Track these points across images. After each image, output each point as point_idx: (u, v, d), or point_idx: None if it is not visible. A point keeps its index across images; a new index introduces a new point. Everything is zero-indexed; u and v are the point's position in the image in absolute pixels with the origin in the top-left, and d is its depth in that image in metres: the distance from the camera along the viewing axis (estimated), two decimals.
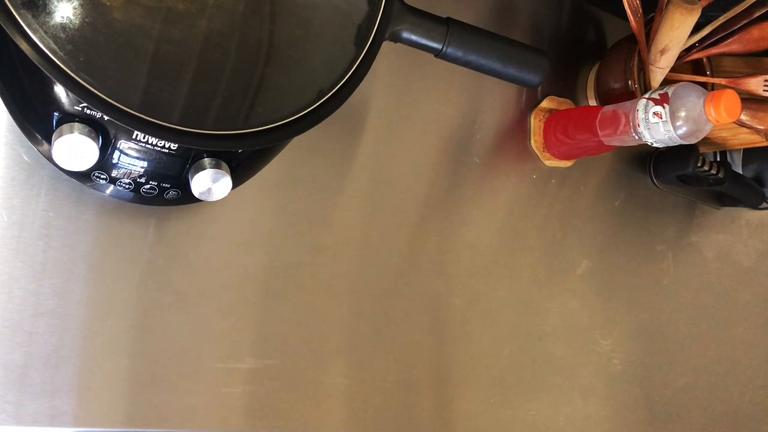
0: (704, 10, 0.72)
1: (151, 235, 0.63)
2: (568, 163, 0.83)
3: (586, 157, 0.84)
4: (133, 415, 0.63)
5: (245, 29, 0.49)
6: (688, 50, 0.80)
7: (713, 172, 0.82)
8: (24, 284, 0.59)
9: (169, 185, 0.58)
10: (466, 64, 0.59)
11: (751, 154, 0.90)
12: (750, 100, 0.79)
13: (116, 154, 0.55)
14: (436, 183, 0.76)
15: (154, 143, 0.54)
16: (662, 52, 0.75)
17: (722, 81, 0.81)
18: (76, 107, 0.52)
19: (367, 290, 0.72)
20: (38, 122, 0.54)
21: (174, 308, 0.64)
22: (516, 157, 0.82)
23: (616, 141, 0.74)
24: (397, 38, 0.56)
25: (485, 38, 0.58)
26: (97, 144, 0.52)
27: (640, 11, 0.75)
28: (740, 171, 0.91)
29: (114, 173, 0.56)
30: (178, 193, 0.59)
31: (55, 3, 0.43)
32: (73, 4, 0.44)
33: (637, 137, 0.71)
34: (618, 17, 0.87)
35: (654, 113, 0.68)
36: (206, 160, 0.57)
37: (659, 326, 0.91)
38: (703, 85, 0.80)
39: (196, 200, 0.58)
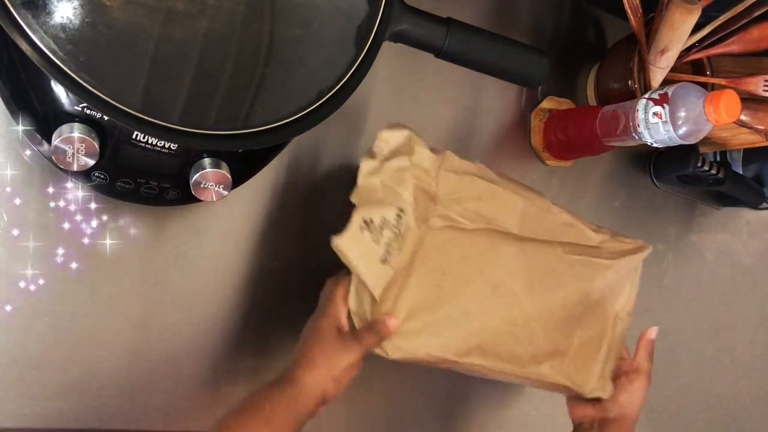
0: (704, 10, 0.72)
1: (152, 235, 0.63)
2: (568, 163, 0.83)
3: (586, 157, 0.84)
4: (132, 415, 0.63)
5: (245, 29, 0.49)
6: (688, 50, 0.80)
7: (713, 172, 0.82)
8: (24, 284, 0.59)
9: (169, 185, 0.58)
10: (466, 64, 0.59)
11: (751, 154, 0.90)
12: (750, 100, 0.79)
13: (116, 154, 0.55)
14: None
15: (154, 143, 0.54)
16: (662, 52, 0.75)
17: (722, 81, 0.81)
18: (76, 107, 0.52)
19: None
20: (38, 122, 0.54)
21: (174, 308, 0.64)
22: (516, 157, 0.82)
23: (616, 141, 0.74)
24: (397, 38, 0.56)
25: (485, 38, 0.58)
26: (97, 144, 0.52)
27: (640, 11, 0.75)
28: (740, 171, 0.91)
29: (114, 173, 0.56)
30: (178, 193, 0.59)
31: (55, 3, 0.43)
32: (73, 4, 0.44)
33: (637, 137, 0.71)
34: (618, 17, 0.87)
35: (654, 113, 0.68)
36: (206, 160, 0.57)
37: (659, 326, 0.91)
38: (703, 85, 0.80)
39: (196, 200, 0.58)
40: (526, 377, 0.67)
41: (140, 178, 0.57)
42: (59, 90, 0.52)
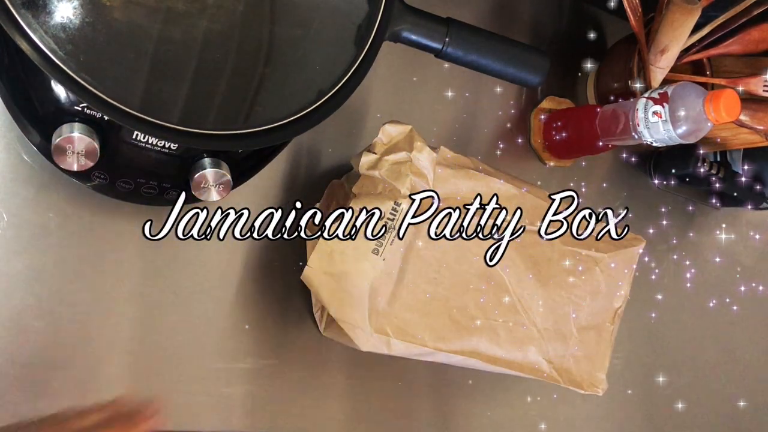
0: (704, 10, 0.72)
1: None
2: (568, 163, 0.83)
3: (586, 157, 0.84)
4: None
5: (245, 29, 0.49)
6: (687, 50, 0.80)
7: (713, 172, 0.82)
8: (24, 284, 0.59)
9: (169, 185, 0.58)
10: (466, 64, 0.59)
11: (751, 154, 0.90)
12: (750, 100, 0.79)
13: (116, 154, 0.55)
14: None
15: (154, 143, 0.54)
16: (662, 52, 0.75)
17: (722, 81, 0.81)
18: (76, 107, 0.52)
19: None
20: (38, 122, 0.54)
21: (174, 308, 0.64)
22: (516, 157, 0.82)
23: (616, 141, 0.74)
24: (397, 38, 0.56)
25: (485, 38, 0.58)
26: (97, 144, 0.52)
27: (640, 11, 0.75)
28: (740, 171, 0.91)
29: (114, 173, 0.56)
30: (178, 193, 0.59)
31: (55, 3, 0.43)
32: (73, 4, 0.44)
33: (636, 137, 0.71)
34: (618, 17, 0.87)
35: (654, 113, 0.68)
36: (206, 160, 0.57)
37: (660, 326, 0.91)
38: (703, 85, 0.80)
39: (197, 200, 0.58)
40: (522, 371, 0.67)
41: (140, 178, 0.57)
42: (59, 90, 0.52)
